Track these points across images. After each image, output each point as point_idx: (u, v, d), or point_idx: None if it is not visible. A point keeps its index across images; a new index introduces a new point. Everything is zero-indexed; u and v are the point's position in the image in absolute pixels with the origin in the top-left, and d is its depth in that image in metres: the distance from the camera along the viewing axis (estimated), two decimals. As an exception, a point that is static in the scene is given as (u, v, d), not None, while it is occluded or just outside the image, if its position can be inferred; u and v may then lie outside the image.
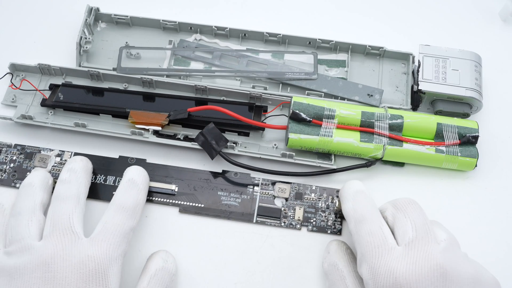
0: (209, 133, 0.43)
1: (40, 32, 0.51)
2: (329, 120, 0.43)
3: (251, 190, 0.43)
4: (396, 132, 0.43)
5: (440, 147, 0.43)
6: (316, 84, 0.47)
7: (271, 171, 0.43)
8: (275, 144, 0.45)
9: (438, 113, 0.45)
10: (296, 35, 0.48)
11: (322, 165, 0.43)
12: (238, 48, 0.49)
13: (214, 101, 0.46)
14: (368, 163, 0.43)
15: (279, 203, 0.43)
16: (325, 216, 0.42)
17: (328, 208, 0.42)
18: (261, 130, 0.45)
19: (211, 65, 0.48)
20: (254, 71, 0.47)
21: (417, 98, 0.46)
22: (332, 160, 0.43)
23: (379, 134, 0.43)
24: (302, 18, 0.53)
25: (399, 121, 0.43)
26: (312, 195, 0.43)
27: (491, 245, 0.42)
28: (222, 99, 0.46)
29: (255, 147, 0.44)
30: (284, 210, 0.42)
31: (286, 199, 0.43)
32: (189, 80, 0.47)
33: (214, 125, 0.43)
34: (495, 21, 0.53)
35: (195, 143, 0.43)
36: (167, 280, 0.38)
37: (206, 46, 0.49)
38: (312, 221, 0.42)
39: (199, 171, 0.44)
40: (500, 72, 0.50)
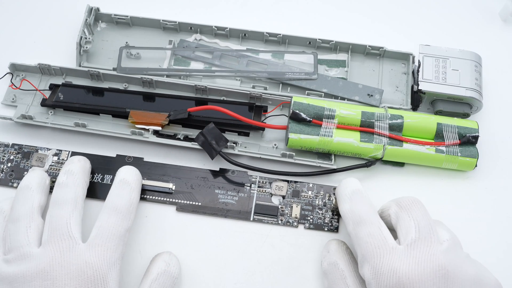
0: (209, 133, 0.43)
1: (40, 32, 0.51)
2: (329, 120, 0.43)
3: (248, 188, 0.43)
4: (396, 132, 0.43)
5: (440, 147, 0.43)
6: (316, 84, 0.47)
7: (271, 171, 0.43)
8: (275, 144, 0.45)
9: (438, 113, 0.45)
10: (296, 35, 0.48)
11: (322, 165, 0.43)
12: (238, 48, 0.49)
13: (214, 101, 0.46)
14: (368, 163, 0.43)
15: (276, 201, 0.43)
16: (322, 214, 0.42)
17: (325, 206, 0.42)
18: (261, 130, 0.45)
19: (211, 65, 0.48)
20: (254, 71, 0.47)
21: (417, 98, 0.46)
22: (332, 160, 0.43)
23: (379, 134, 0.43)
24: (302, 18, 0.53)
25: (399, 121, 0.43)
26: (309, 193, 0.43)
27: (491, 245, 0.42)
28: (222, 99, 0.46)
29: (255, 147, 0.44)
30: (281, 208, 0.42)
31: (283, 197, 0.43)
32: (189, 80, 0.47)
33: (214, 125, 0.43)
34: (495, 21, 0.53)
35: (195, 143, 0.43)
36: (169, 284, 0.37)
37: (206, 46, 0.49)
38: (309, 218, 0.42)
39: (196, 169, 0.44)
40: (500, 72, 0.50)
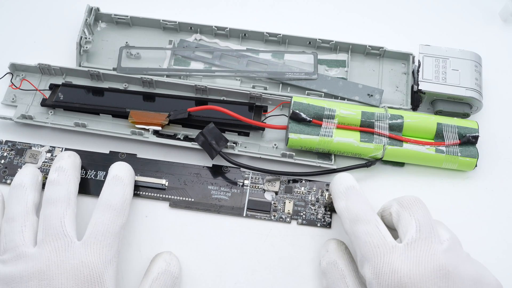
0: (209, 133, 0.43)
1: (40, 32, 0.51)
2: (329, 120, 0.43)
3: (241, 184, 0.43)
4: (396, 132, 0.43)
5: (440, 147, 0.43)
6: (316, 84, 0.47)
7: (271, 171, 0.43)
8: (275, 144, 0.45)
9: (438, 113, 0.45)
10: (296, 35, 0.48)
11: (322, 165, 0.43)
12: (238, 48, 0.49)
13: (214, 101, 0.46)
14: (368, 163, 0.43)
15: (269, 196, 0.43)
16: (314, 210, 0.42)
17: (318, 202, 0.43)
18: (261, 130, 0.45)
19: (211, 65, 0.48)
20: (254, 71, 0.47)
21: (417, 98, 0.46)
22: (332, 160, 0.43)
23: (379, 134, 0.43)
24: (302, 18, 0.53)
25: (399, 121, 0.43)
26: (302, 189, 0.43)
27: (491, 245, 0.42)
28: (222, 99, 0.46)
29: (255, 147, 0.44)
30: (274, 203, 0.42)
31: (276, 192, 0.43)
32: (189, 80, 0.47)
33: (214, 125, 0.43)
34: (495, 21, 0.53)
35: (195, 143, 0.43)
36: (170, 283, 0.37)
37: (206, 46, 0.49)
38: (302, 214, 0.42)
39: (189, 165, 0.44)
40: (500, 72, 0.50)
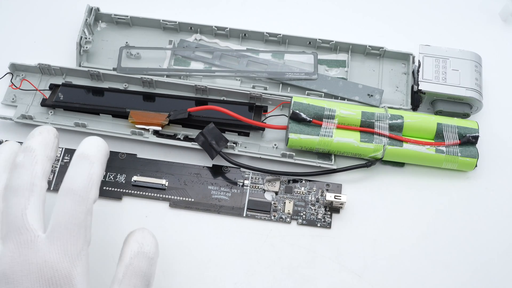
0: (209, 133, 0.43)
1: (40, 32, 0.51)
2: (329, 120, 0.43)
3: (241, 184, 0.43)
4: (396, 132, 0.43)
5: (440, 147, 0.43)
6: (316, 84, 0.47)
7: (271, 171, 0.43)
8: (275, 144, 0.45)
9: (438, 113, 0.45)
10: (296, 35, 0.48)
11: (322, 165, 0.43)
12: (238, 48, 0.49)
13: (214, 101, 0.46)
14: (368, 163, 0.43)
15: (269, 197, 0.43)
16: (314, 210, 0.42)
17: (318, 202, 0.43)
18: (261, 130, 0.45)
19: (211, 65, 0.48)
20: (254, 71, 0.47)
21: (417, 98, 0.46)
22: (332, 160, 0.43)
23: (379, 134, 0.43)
24: (302, 18, 0.53)
25: (399, 121, 0.43)
26: (302, 189, 0.43)
27: (491, 245, 0.42)
28: (222, 99, 0.46)
29: (255, 147, 0.44)
30: (274, 203, 0.42)
31: (276, 192, 0.43)
32: (189, 80, 0.47)
33: (214, 125, 0.43)
34: (495, 21, 0.53)
35: (195, 143, 0.43)
36: (145, 266, 0.32)
37: (206, 46, 0.49)
38: (302, 214, 0.42)
39: (189, 165, 0.44)
40: (500, 72, 0.50)
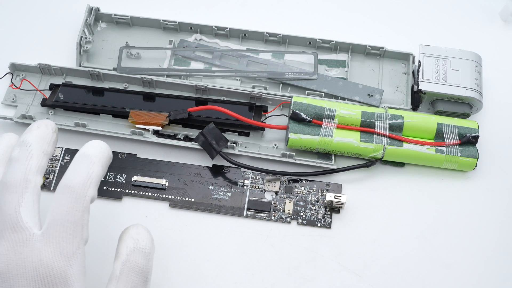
0: (209, 133, 0.43)
1: (40, 32, 0.51)
2: (329, 120, 0.43)
3: (241, 184, 0.43)
4: (396, 132, 0.43)
5: (440, 147, 0.43)
6: (316, 84, 0.47)
7: (271, 171, 0.43)
8: (275, 144, 0.45)
9: (438, 113, 0.45)
10: (296, 35, 0.48)
11: (322, 165, 0.43)
12: (238, 48, 0.49)
13: (214, 101, 0.46)
14: (368, 163, 0.43)
15: (269, 196, 0.43)
16: (315, 210, 0.42)
17: (318, 202, 0.43)
18: (261, 130, 0.45)
19: (211, 65, 0.48)
20: (254, 71, 0.47)
21: (417, 98, 0.46)
22: (332, 160, 0.43)
23: (379, 134, 0.43)
24: (302, 18, 0.53)
25: (399, 121, 0.43)
26: (302, 189, 0.43)
27: (491, 245, 0.42)
28: (222, 99, 0.46)
29: (255, 147, 0.44)
30: (274, 203, 0.42)
31: (276, 192, 0.43)
32: (189, 80, 0.47)
33: (214, 125, 0.43)
34: (495, 21, 0.53)
35: (195, 143, 0.43)
36: (142, 262, 0.32)
37: (206, 46, 0.49)
38: (302, 214, 0.42)
39: (189, 165, 0.44)
40: (500, 72, 0.50)
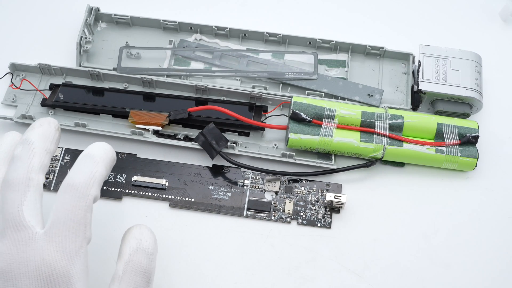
0: (209, 133, 0.43)
1: (40, 32, 0.51)
2: (329, 120, 0.43)
3: (241, 184, 0.43)
4: (396, 132, 0.43)
5: (440, 147, 0.43)
6: (316, 84, 0.47)
7: (271, 171, 0.43)
8: (275, 144, 0.45)
9: (438, 113, 0.45)
10: (296, 35, 0.48)
11: (322, 165, 0.43)
12: (238, 48, 0.49)
13: (214, 101, 0.46)
14: (368, 163, 0.43)
15: (269, 196, 0.43)
16: (315, 210, 0.42)
17: (318, 202, 0.43)
18: (261, 130, 0.45)
19: (211, 65, 0.48)
20: (254, 71, 0.47)
21: (417, 98, 0.46)
22: (332, 160, 0.43)
23: (379, 134, 0.43)
24: (302, 18, 0.53)
25: (399, 121, 0.43)
26: (302, 189, 0.43)
27: (491, 245, 0.42)
28: (222, 99, 0.46)
29: (255, 147, 0.44)
30: (274, 203, 0.42)
31: (276, 192, 0.43)
32: (189, 80, 0.47)
33: (214, 125, 0.43)
34: (496, 21, 0.53)
35: (195, 143, 0.43)
36: (145, 262, 0.32)
37: (206, 46, 0.49)
38: (302, 214, 0.42)
39: (189, 165, 0.44)
40: (500, 72, 0.50)
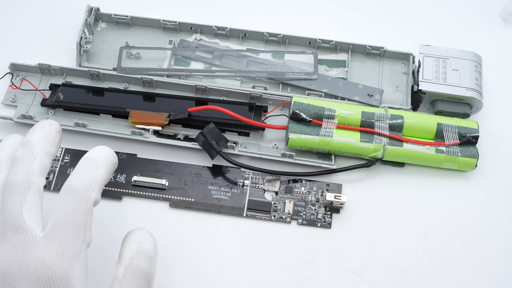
0: (209, 133, 0.43)
1: (40, 32, 0.51)
2: (329, 120, 0.43)
3: (241, 184, 0.43)
4: (396, 132, 0.43)
5: (440, 147, 0.43)
6: (316, 84, 0.47)
7: (271, 171, 0.43)
8: (275, 144, 0.45)
9: (438, 113, 0.45)
10: (296, 35, 0.48)
11: (322, 165, 0.43)
12: (238, 48, 0.49)
13: (214, 101, 0.46)
14: (368, 163, 0.43)
15: (269, 196, 0.43)
16: (315, 210, 0.42)
17: (318, 202, 0.43)
18: (261, 130, 0.45)
19: (211, 65, 0.48)
20: (254, 71, 0.47)
21: (417, 98, 0.46)
22: (332, 160, 0.43)
23: (379, 134, 0.43)
24: (302, 18, 0.53)
25: (399, 121, 0.43)
26: (302, 189, 0.43)
27: (491, 245, 0.42)
28: (222, 99, 0.46)
29: (255, 147, 0.44)
30: (274, 203, 0.42)
31: (276, 192, 0.43)
32: (189, 80, 0.47)
33: (214, 125, 0.43)
34: (495, 21, 0.53)
35: (195, 143, 0.43)
36: (145, 265, 0.32)
37: (206, 46, 0.49)
38: (302, 214, 0.42)
39: (189, 165, 0.44)
40: (500, 72, 0.50)
